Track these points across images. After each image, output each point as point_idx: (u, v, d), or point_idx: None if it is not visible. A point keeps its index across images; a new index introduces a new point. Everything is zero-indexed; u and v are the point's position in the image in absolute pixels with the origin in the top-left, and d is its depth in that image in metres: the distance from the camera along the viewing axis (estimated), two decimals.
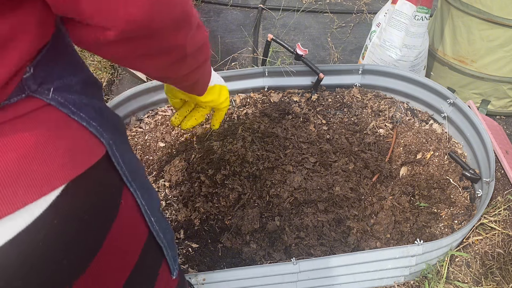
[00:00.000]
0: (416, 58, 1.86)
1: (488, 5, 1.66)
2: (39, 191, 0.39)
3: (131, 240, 0.54)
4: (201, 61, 0.63)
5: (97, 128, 0.46)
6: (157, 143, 1.64)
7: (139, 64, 0.52)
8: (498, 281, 1.28)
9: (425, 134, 1.65)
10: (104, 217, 0.47)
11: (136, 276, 0.55)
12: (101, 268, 0.47)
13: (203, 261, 1.33)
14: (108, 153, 0.48)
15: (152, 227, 0.57)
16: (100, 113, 0.48)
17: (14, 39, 0.36)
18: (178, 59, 0.55)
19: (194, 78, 0.68)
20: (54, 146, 0.40)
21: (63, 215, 0.41)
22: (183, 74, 0.62)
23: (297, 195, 1.44)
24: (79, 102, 0.45)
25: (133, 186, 0.53)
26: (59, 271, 0.42)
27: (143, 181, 0.56)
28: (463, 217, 1.43)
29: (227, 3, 2.76)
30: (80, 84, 0.46)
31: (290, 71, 1.77)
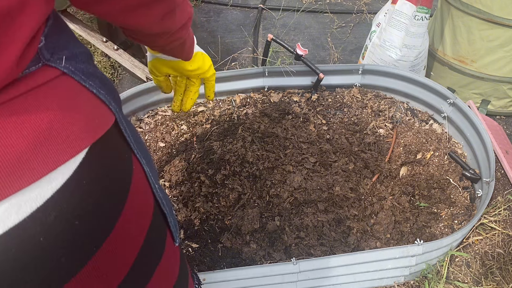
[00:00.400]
0: (416, 58, 1.86)
1: (488, 5, 1.66)
2: (69, 153, 0.40)
3: (144, 206, 0.55)
4: (187, 15, 0.66)
5: (106, 96, 0.48)
6: (157, 143, 1.64)
7: (134, 19, 0.53)
8: (498, 281, 1.28)
9: (425, 134, 1.65)
10: (122, 182, 0.49)
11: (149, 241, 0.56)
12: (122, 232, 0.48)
13: (203, 261, 1.33)
14: (117, 120, 0.50)
15: (157, 194, 0.59)
16: (104, 83, 0.49)
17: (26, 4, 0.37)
18: (170, 10, 0.56)
19: (183, 35, 0.70)
20: (75, 111, 0.42)
21: (88, 178, 0.42)
22: (173, 29, 0.64)
23: (297, 195, 1.44)
24: (86, 71, 0.46)
25: (139, 154, 0.55)
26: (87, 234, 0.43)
27: (145, 150, 0.58)
28: (463, 217, 1.43)
29: (227, 3, 2.76)
30: (83, 55, 0.47)
31: (290, 71, 1.77)
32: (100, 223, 0.45)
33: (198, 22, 2.60)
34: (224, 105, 1.79)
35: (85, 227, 0.43)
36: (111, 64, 2.15)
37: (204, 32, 2.52)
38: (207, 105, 1.80)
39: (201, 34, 2.50)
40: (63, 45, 0.44)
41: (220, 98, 1.82)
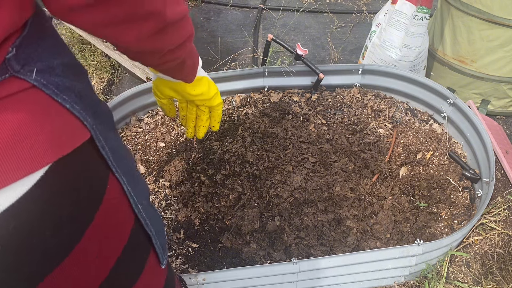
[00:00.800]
0: (416, 58, 1.86)
1: (488, 5, 1.66)
2: (25, 170, 0.39)
3: (118, 225, 0.54)
4: (184, 36, 0.63)
5: (80, 112, 0.46)
6: (157, 143, 1.64)
7: (118, 33, 0.51)
8: (498, 281, 1.28)
9: (425, 134, 1.65)
10: (89, 200, 0.47)
11: (123, 261, 0.55)
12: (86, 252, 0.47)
13: (203, 261, 1.33)
14: (93, 137, 0.48)
15: (139, 214, 0.57)
16: (81, 97, 0.47)
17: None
18: (159, 29, 0.54)
19: (179, 56, 0.67)
20: (39, 126, 0.41)
21: (48, 194, 0.42)
22: (166, 49, 0.61)
23: (297, 195, 1.44)
24: (61, 84, 0.45)
25: (119, 172, 0.53)
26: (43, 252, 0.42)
27: (130, 168, 0.56)
28: (463, 217, 1.43)
29: (227, 3, 2.76)
30: (61, 66, 0.46)
31: (290, 71, 1.77)
32: (61, 239, 0.44)
33: (198, 22, 2.60)
34: (224, 105, 1.79)
35: (44, 241, 0.42)
36: (111, 64, 2.15)
37: (204, 32, 2.52)
38: None
39: (201, 34, 2.50)
40: (37, 57, 0.43)
41: None
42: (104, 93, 1.99)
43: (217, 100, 0.93)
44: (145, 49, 0.57)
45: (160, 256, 0.65)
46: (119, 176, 0.53)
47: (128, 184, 0.55)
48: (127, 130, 1.70)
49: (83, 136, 0.46)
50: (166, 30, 0.55)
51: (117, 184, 0.53)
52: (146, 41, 0.54)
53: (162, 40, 0.57)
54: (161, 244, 0.65)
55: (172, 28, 0.56)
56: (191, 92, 0.86)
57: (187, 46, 0.67)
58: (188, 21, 0.63)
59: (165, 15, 0.52)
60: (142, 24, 0.50)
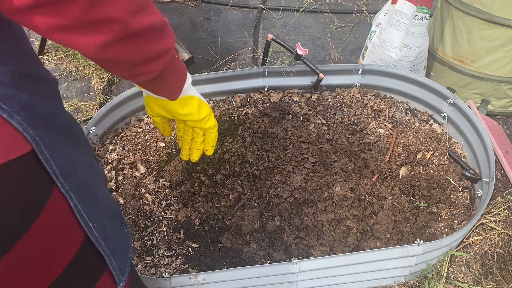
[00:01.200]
0: (416, 58, 1.86)
1: (488, 5, 1.66)
2: None
3: (60, 240, 0.52)
4: (157, 49, 0.59)
5: (21, 123, 0.44)
6: (157, 143, 1.64)
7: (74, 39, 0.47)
8: (498, 281, 1.28)
9: (425, 134, 1.65)
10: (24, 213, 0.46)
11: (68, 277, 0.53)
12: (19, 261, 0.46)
13: (203, 261, 1.33)
14: (34, 150, 0.46)
15: (90, 233, 0.55)
16: (28, 108, 0.46)
17: None
18: (120, 37, 0.50)
19: (154, 70, 0.63)
20: None
21: None
22: (135, 61, 0.57)
23: (297, 195, 1.44)
24: (3, 93, 0.43)
25: (65, 187, 0.51)
26: None
27: (85, 184, 0.54)
28: (463, 217, 1.43)
29: (227, 3, 2.76)
30: (9, 75, 0.44)
31: (290, 71, 1.77)
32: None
33: (198, 22, 2.60)
34: (224, 105, 1.79)
35: None
36: None
37: (204, 32, 2.52)
38: None
39: (201, 34, 2.50)
40: None
41: (220, 98, 1.82)
42: (104, 93, 1.99)
43: (210, 123, 0.90)
44: (107, 58, 0.53)
45: (116, 277, 0.62)
46: (65, 192, 0.51)
47: (78, 202, 0.52)
48: (127, 130, 1.70)
49: (21, 148, 0.44)
50: (130, 41, 0.52)
51: (62, 201, 0.51)
52: (106, 50, 0.50)
53: (127, 51, 0.54)
54: (119, 265, 0.62)
55: (138, 39, 0.53)
56: (179, 111, 0.83)
57: (164, 60, 0.63)
58: (166, 35, 0.60)
59: (128, 24, 0.49)
60: (99, 31, 0.47)
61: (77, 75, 2.10)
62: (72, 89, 2.01)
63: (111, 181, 1.51)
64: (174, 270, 1.31)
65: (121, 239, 0.62)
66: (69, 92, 2.00)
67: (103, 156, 1.57)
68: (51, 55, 2.20)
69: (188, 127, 0.93)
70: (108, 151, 1.60)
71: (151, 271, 1.30)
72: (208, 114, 0.88)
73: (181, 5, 2.74)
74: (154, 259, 1.33)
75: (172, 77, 0.73)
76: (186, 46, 1.93)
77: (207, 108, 0.88)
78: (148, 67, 0.61)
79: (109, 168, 1.55)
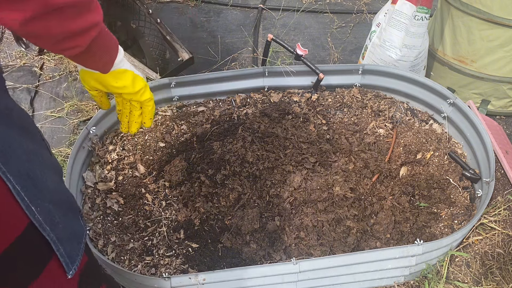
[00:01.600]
0: (416, 58, 1.86)
1: (488, 5, 1.66)
2: None
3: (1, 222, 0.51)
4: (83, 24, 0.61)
5: None
6: (157, 143, 1.64)
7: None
8: (498, 281, 1.28)
9: (425, 134, 1.65)
10: None
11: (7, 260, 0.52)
12: None
13: (203, 261, 1.33)
14: None
15: (33, 217, 0.55)
16: None
17: None
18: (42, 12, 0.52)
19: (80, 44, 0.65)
20: None
21: None
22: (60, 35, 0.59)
23: (297, 195, 1.44)
24: None
25: (2, 169, 0.51)
26: None
27: (28, 169, 0.54)
28: (463, 217, 1.43)
29: (227, 3, 2.76)
30: None
31: (290, 71, 1.77)
32: None
33: (198, 22, 2.61)
34: (224, 105, 1.79)
35: None
36: None
37: (204, 32, 2.52)
38: (207, 105, 1.80)
39: (201, 34, 2.50)
40: None
41: (220, 98, 1.82)
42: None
43: (145, 96, 0.93)
44: (30, 33, 0.54)
45: (65, 265, 0.61)
46: (3, 174, 0.51)
47: (18, 185, 0.52)
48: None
49: None
50: (51, 16, 0.53)
51: (2, 184, 0.51)
52: (28, 26, 0.52)
53: (49, 27, 0.55)
54: (68, 253, 0.61)
55: (60, 15, 0.54)
56: (113, 84, 0.86)
57: (91, 34, 0.65)
58: (91, 10, 0.61)
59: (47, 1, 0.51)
60: (18, 8, 0.48)
61: (77, 75, 2.10)
62: (72, 89, 2.01)
63: (111, 181, 1.51)
64: (174, 270, 1.31)
65: (71, 227, 0.62)
66: (69, 92, 2.00)
67: (103, 156, 1.57)
68: (51, 55, 2.20)
69: (126, 101, 0.96)
70: (108, 151, 1.60)
71: (151, 271, 1.30)
72: (142, 87, 0.91)
73: (181, 5, 2.74)
74: (154, 259, 1.33)
75: (101, 51, 0.75)
76: (186, 46, 1.93)
77: (141, 82, 0.91)
78: (74, 42, 0.63)
79: (109, 168, 1.55)
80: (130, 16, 1.91)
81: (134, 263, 1.32)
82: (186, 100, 1.80)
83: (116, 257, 1.32)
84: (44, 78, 2.09)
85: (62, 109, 1.93)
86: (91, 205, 1.44)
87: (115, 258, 1.32)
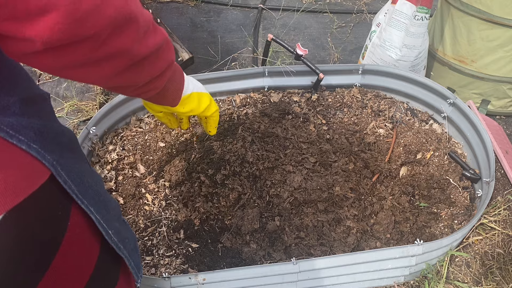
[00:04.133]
0: (416, 58, 1.86)
1: (488, 5, 1.66)
2: None
3: (83, 257, 0.51)
4: (162, 67, 0.59)
5: (39, 151, 0.44)
6: (157, 143, 1.64)
7: (82, 75, 0.47)
8: (498, 281, 1.28)
9: (425, 134, 1.65)
10: (49, 242, 0.45)
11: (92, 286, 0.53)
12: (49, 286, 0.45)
13: (203, 261, 1.33)
14: (53, 174, 0.46)
15: (110, 240, 0.55)
16: (41, 134, 0.45)
17: None
18: (128, 66, 0.50)
19: (158, 86, 0.63)
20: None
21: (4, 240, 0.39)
22: (142, 82, 0.57)
23: (297, 195, 1.44)
24: (17, 124, 0.42)
25: (85, 203, 0.50)
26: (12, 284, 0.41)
27: (98, 194, 0.54)
28: (463, 217, 1.43)
29: (227, 3, 2.76)
30: (18, 104, 0.43)
31: (290, 71, 1.77)
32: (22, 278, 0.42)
33: (198, 22, 2.61)
34: (224, 105, 1.79)
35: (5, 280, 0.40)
36: None
37: (204, 32, 2.52)
38: None
39: (201, 34, 2.50)
40: None
41: (220, 98, 1.82)
42: (104, 93, 1.99)
43: (210, 111, 0.92)
44: (115, 86, 0.53)
45: (135, 275, 0.62)
46: (85, 207, 0.50)
47: (96, 213, 0.52)
48: (127, 130, 1.70)
49: (41, 176, 0.44)
50: (137, 66, 0.51)
51: (81, 217, 0.50)
52: (115, 80, 0.50)
53: (136, 76, 0.53)
54: (136, 263, 0.62)
55: (144, 62, 0.52)
56: (181, 110, 0.84)
57: (167, 74, 0.62)
58: (167, 49, 0.58)
59: (134, 53, 0.48)
60: (107, 63, 0.46)
61: None
62: (72, 89, 2.01)
63: (111, 181, 1.51)
64: (174, 270, 1.31)
65: (132, 237, 0.63)
66: (69, 92, 2.00)
67: (103, 156, 1.57)
68: None
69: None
70: (108, 151, 1.60)
71: (151, 271, 1.30)
72: (208, 104, 0.90)
73: (181, 5, 2.74)
74: (154, 259, 1.33)
75: (172, 87, 0.73)
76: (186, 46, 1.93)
77: (206, 99, 0.89)
78: (154, 84, 0.61)
79: (109, 168, 1.55)
80: None
81: None
82: None
83: None
84: (44, 78, 2.09)
85: (62, 109, 1.93)
86: None
87: None
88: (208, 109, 0.91)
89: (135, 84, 0.56)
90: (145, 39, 0.50)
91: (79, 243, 0.50)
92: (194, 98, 0.85)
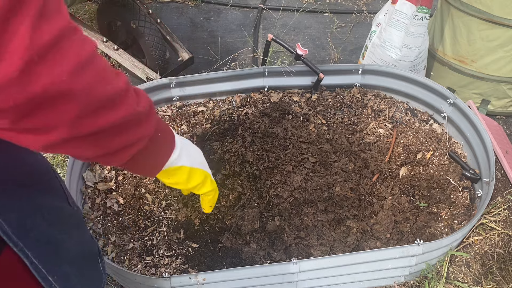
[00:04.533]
0: (416, 58, 1.86)
1: (488, 5, 1.66)
2: None
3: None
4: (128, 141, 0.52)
5: None
6: None
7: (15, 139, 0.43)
8: (498, 281, 1.28)
9: (425, 134, 1.65)
10: None
11: None
12: None
13: (203, 261, 1.33)
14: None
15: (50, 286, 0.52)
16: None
17: None
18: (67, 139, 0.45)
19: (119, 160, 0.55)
20: None
21: None
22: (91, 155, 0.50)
23: (297, 195, 1.44)
24: None
25: (19, 245, 0.47)
26: None
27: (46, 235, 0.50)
28: (463, 217, 1.43)
29: (227, 3, 2.76)
30: None
31: (290, 71, 1.77)
32: None
33: (198, 22, 2.61)
34: (224, 105, 1.79)
35: None
36: (111, 64, 2.15)
37: (204, 32, 2.52)
38: (207, 105, 1.80)
39: (201, 34, 2.50)
40: None
41: (220, 98, 1.82)
42: None
43: (204, 190, 0.83)
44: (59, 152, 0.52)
45: None
46: (20, 250, 0.47)
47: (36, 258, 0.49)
48: None
49: None
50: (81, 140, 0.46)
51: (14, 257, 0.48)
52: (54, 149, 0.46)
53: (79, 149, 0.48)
54: None
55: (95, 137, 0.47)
56: (165, 180, 0.76)
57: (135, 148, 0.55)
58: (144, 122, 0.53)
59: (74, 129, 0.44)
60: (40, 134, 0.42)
61: None
62: None
63: (111, 181, 1.51)
64: (174, 270, 1.31)
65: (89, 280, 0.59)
66: None
67: None
68: None
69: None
70: None
71: (151, 271, 1.30)
72: (199, 183, 0.80)
73: (181, 5, 2.74)
74: (154, 259, 1.33)
75: (147, 159, 0.62)
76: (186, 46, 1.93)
77: (198, 177, 0.79)
78: (111, 159, 0.54)
79: (109, 168, 1.55)
80: (130, 16, 1.91)
81: (134, 263, 1.32)
82: (186, 100, 1.80)
83: (116, 257, 1.32)
84: None
85: None
86: (91, 205, 1.44)
87: (115, 258, 1.32)
88: (199, 188, 0.82)
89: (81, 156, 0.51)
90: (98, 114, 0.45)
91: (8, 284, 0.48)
92: (183, 172, 0.75)
